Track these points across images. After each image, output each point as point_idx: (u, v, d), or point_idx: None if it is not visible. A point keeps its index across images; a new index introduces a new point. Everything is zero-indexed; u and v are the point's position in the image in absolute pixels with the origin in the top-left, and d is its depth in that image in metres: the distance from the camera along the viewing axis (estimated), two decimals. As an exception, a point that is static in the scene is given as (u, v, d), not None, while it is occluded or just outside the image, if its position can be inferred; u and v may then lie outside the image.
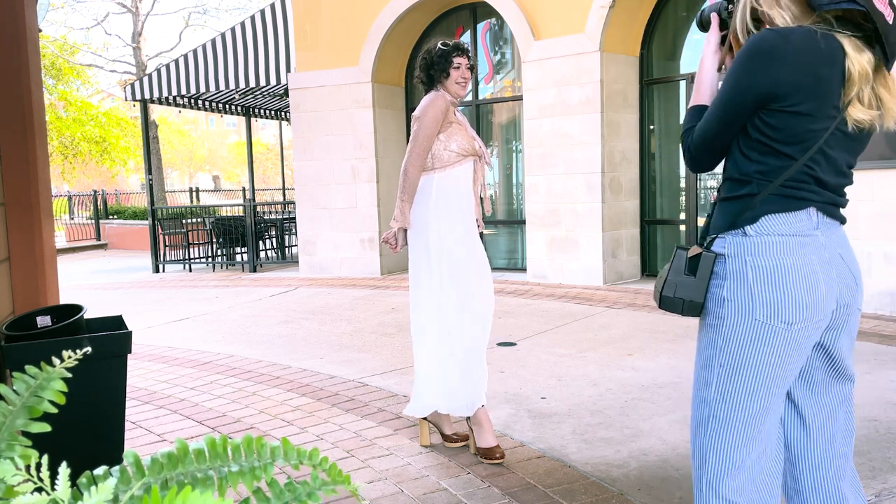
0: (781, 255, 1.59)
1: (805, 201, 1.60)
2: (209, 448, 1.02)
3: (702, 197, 8.04)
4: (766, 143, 1.58)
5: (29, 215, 2.91)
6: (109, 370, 2.64)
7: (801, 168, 1.58)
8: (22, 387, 1.01)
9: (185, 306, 7.55)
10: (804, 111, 1.53)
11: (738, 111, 1.58)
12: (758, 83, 1.53)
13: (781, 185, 1.59)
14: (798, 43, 1.51)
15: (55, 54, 20.98)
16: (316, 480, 1.04)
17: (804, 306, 1.59)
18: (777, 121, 1.55)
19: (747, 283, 1.60)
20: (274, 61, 9.94)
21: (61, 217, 19.46)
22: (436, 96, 3.15)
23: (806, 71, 1.51)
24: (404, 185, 3.14)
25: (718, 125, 1.62)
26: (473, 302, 3.17)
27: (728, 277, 1.63)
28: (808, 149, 1.57)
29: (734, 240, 1.63)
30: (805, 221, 1.61)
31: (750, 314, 1.60)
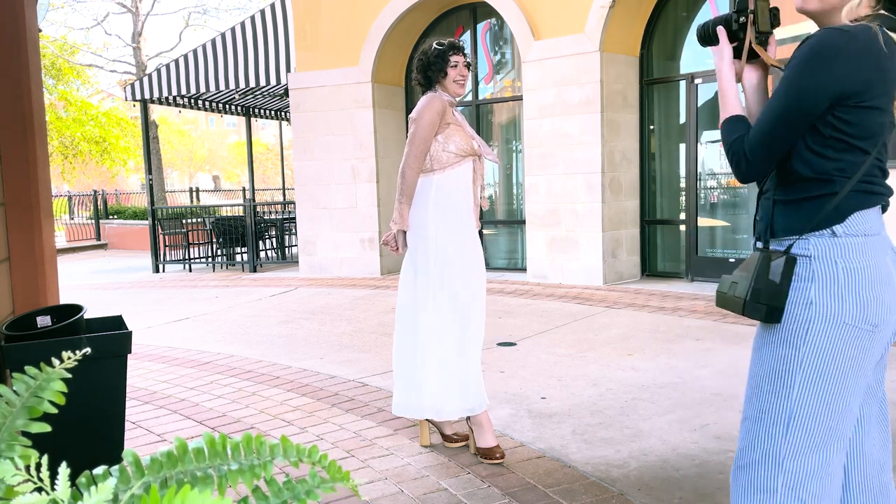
0: (868, 256, 1.59)
1: (877, 196, 1.62)
2: (209, 447, 1.02)
3: (702, 197, 8.04)
4: (843, 140, 1.57)
5: (29, 215, 2.91)
6: (109, 370, 2.64)
7: (874, 162, 1.60)
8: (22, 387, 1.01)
9: (185, 306, 7.55)
10: (876, 105, 1.56)
11: (809, 111, 1.57)
12: (830, 82, 1.54)
13: (860, 180, 1.59)
14: (862, 40, 1.53)
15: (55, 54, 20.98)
16: (315, 478, 1.04)
17: (889, 308, 1.59)
18: (853, 116, 1.56)
19: (838, 285, 1.58)
20: (274, 61, 9.94)
21: (61, 217, 19.46)
22: (432, 97, 3.14)
23: (873, 66, 1.54)
24: (402, 188, 3.13)
25: (784, 128, 1.59)
26: (470, 303, 3.16)
27: (815, 280, 1.59)
28: (877, 142, 1.59)
29: (820, 241, 1.60)
30: (875, 220, 1.62)
31: (839, 317, 1.57)
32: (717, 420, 3.51)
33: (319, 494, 1.04)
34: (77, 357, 1.05)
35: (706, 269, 7.79)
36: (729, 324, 5.58)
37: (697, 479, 2.86)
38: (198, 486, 0.97)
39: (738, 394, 3.86)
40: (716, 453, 3.11)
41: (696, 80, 7.77)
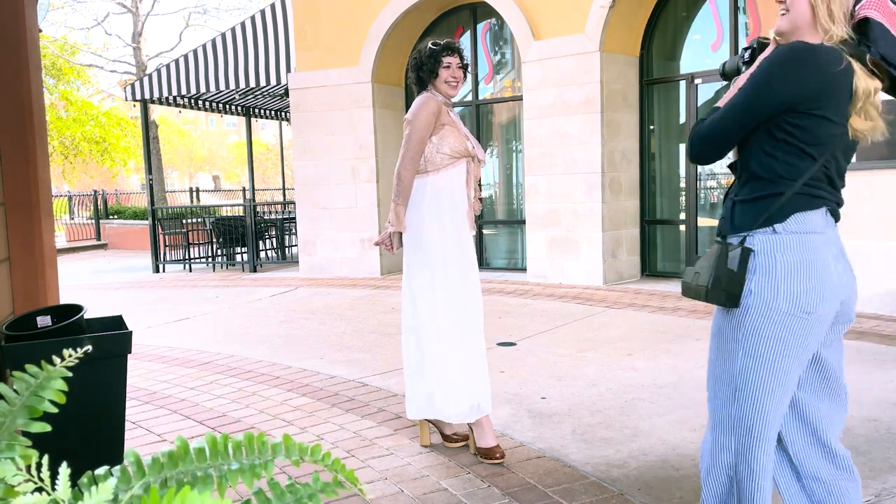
0: (805, 252, 1.76)
1: (821, 199, 1.78)
2: (210, 446, 1.02)
3: (702, 197, 8.04)
4: (793, 144, 1.74)
5: (29, 215, 2.91)
6: (109, 370, 2.64)
7: (820, 168, 1.75)
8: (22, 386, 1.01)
9: (185, 306, 7.55)
10: (827, 115, 1.71)
11: (761, 112, 1.74)
12: (786, 90, 1.70)
13: (805, 184, 1.75)
14: (823, 55, 1.70)
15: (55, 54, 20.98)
16: (317, 482, 1.04)
17: (822, 297, 1.76)
18: (805, 123, 1.72)
19: (775, 277, 1.76)
20: (274, 61, 9.94)
21: (61, 217, 19.45)
22: (427, 98, 3.14)
23: (826, 79, 1.69)
24: (398, 189, 3.13)
25: (734, 122, 1.77)
26: (467, 305, 3.16)
27: (756, 272, 1.78)
28: (825, 151, 1.74)
29: (763, 237, 1.78)
30: (820, 220, 1.78)
31: (775, 305, 1.77)
32: (717, 420, 3.50)
33: (322, 499, 1.03)
34: (78, 355, 1.04)
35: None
36: (729, 324, 5.58)
37: (697, 478, 2.86)
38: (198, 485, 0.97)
39: (738, 394, 3.86)
40: (716, 453, 3.10)
41: (696, 80, 7.78)
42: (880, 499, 2.64)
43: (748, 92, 1.74)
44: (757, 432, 1.85)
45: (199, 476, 0.98)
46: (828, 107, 1.70)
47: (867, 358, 4.53)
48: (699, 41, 7.99)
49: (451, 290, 3.13)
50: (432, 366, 3.15)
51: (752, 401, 1.84)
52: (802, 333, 1.78)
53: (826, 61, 1.69)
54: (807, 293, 1.75)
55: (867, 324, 5.53)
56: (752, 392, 1.83)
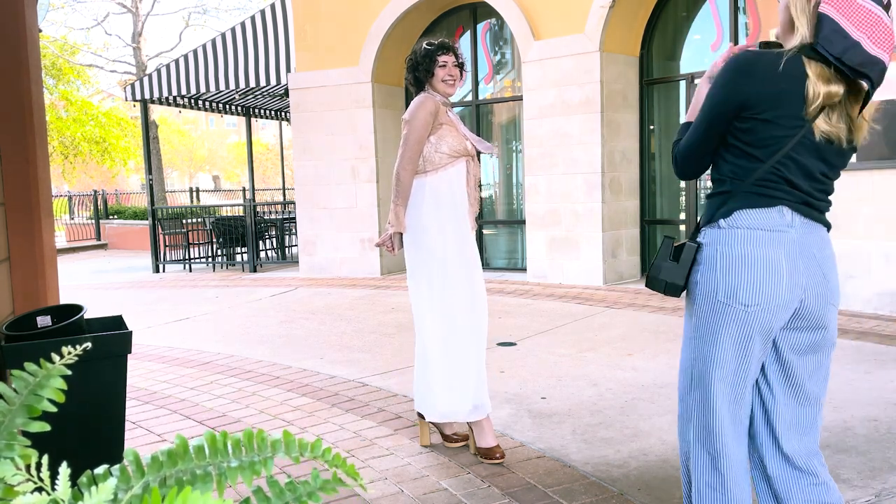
0: (747, 246, 1.81)
1: (774, 199, 1.81)
2: (209, 444, 1.02)
3: (701, 197, 8.04)
4: (739, 147, 1.82)
5: (29, 215, 2.91)
6: (109, 370, 2.64)
7: (770, 170, 1.79)
8: (21, 385, 1.00)
9: (185, 306, 7.55)
10: (768, 118, 1.76)
11: (719, 120, 1.82)
12: (734, 94, 1.78)
13: (753, 183, 1.81)
14: (766, 61, 1.75)
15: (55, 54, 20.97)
16: (317, 480, 1.03)
17: (761, 292, 1.80)
18: (747, 126, 1.79)
19: (715, 268, 1.85)
20: (274, 61, 9.94)
21: (61, 217, 19.46)
22: (424, 98, 3.14)
23: (770, 84, 1.74)
24: (397, 190, 3.13)
25: (701, 134, 1.86)
26: (468, 305, 3.16)
27: (702, 263, 1.89)
28: (774, 153, 1.78)
29: (710, 231, 1.88)
30: (777, 218, 1.81)
31: (714, 295, 1.85)
32: (717, 420, 3.50)
33: (321, 496, 1.03)
34: (77, 352, 1.04)
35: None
36: (729, 324, 5.58)
37: (697, 479, 2.86)
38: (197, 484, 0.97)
39: (738, 394, 3.86)
40: (716, 453, 3.10)
41: (696, 80, 7.77)
42: (880, 499, 2.64)
43: (705, 104, 1.85)
44: (710, 422, 1.90)
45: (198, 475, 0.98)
46: (771, 111, 1.75)
47: (867, 358, 4.53)
48: (699, 41, 7.99)
49: (450, 290, 3.13)
50: (433, 366, 3.15)
51: (704, 390, 1.90)
52: (741, 325, 1.83)
53: (767, 69, 1.74)
54: (744, 285, 1.80)
55: (867, 324, 5.53)
56: (704, 381, 1.90)
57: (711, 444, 1.91)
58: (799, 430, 1.93)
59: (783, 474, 1.93)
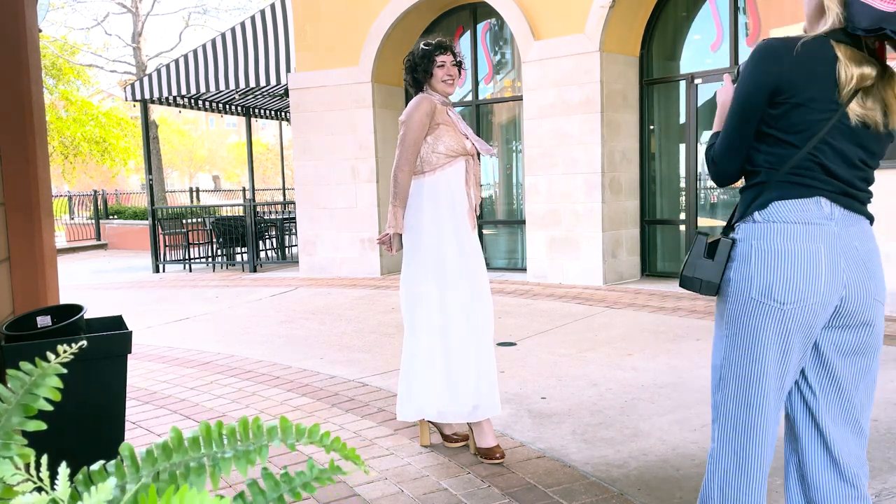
0: (784, 241, 1.73)
1: (812, 189, 1.73)
2: (204, 435, 1.01)
3: (702, 197, 8.04)
4: (772, 135, 1.75)
5: (29, 215, 2.91)
6: (109, 370, 2.64)
7: (806, 156, 1.72)
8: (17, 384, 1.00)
9: (185, 306, 7.55)
10: (801, 102, 1.70)
11: (752, 109, 1.76)
12: (763, 81, 1.72)
13: (788, 172, 1.74)
14: (794, 45, 1.71)
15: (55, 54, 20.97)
16: (312, 470, 1.02)
17: (797, 289, 1.72)
18: (780, 111, 1.73)
19: (749, 264, 1.77)
20: (274, 61, 9.94)
21: (61, 217, 19.45)
22: (421, 99, 3.14)
23: (800, 67, 1.70)
24: (395, 191, 3.13)
25: (736, 128, 1.79)
26: (468, 305, 3.16)
27: (735, 259, 1.81)
28: (809, 138, 1.71)
29: (745, 226, 1.81)
30: (815, 210, 1.73)
31: (747, 293, 1.77)
32: (717, 420, 3.50)
33: (316, 487, 1.02)
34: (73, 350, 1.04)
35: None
36: (729, 324, 5.58)
37: (697, 478, 2.86)
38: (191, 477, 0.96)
39: (738, 394, 3.85)
40: (716, 453, 3.10)
41: (696, 80, 7.78)
42: (880, 499, 2.64)
43: (735, 97, 1.79)
44: (739, 423, 1.83)
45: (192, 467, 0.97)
46: (803, 94, 1.69)
47: (867, 358, 4.53)
48: (699, 41, 7.99)
49: (450, 290, 3.12)
50: (426, 365, 3.15)
51: (733, 390, 1.84)
52: (777, 324, 1.74)
53: (795, 52, 1.69)
54: (779, 282, 1.72)
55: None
56: (734, 381, 1.83)
57: (739, 446, 1.84)
58: (847, 436, 1.85)
59: (826, 484, 1.85)
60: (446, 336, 3.13)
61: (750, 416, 1.83)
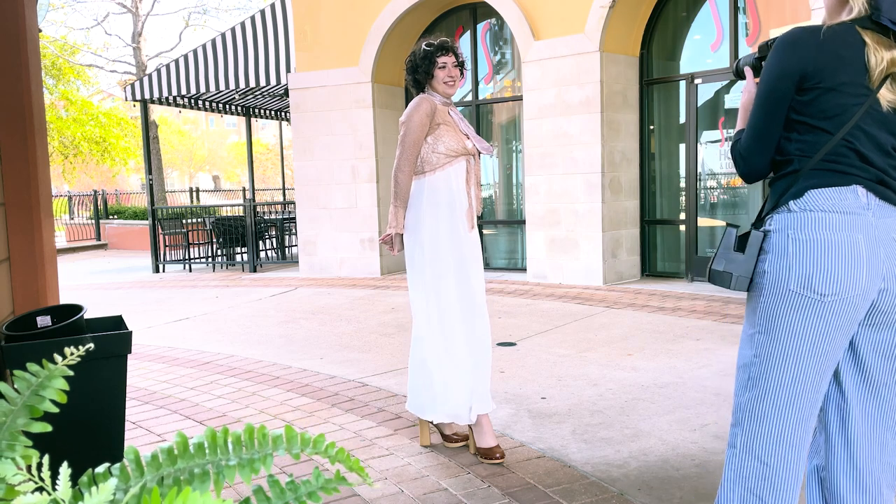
0: (823, 230, 1.67)
1: (849, 176, 1.68)
2: (209, 441, 1.01)
3: (702, 197, 8.04)
4: (803, 122, 1.71)
5: (29, 215, 2.91)
6: (109, 370, 2.64)
7: (840, 142, 1.68)
8: (23, 385, 1.00)
9: (185, 306, 7.55)
10: (831, 86, 1.66)
11: (781, 98, 1.71)
12: (790, 67, 1.69)
13: (823, 159, 1.69)
14: (819, 31, 1.68)
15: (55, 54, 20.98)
16: (318, 479, 1.03)
17: (838, 280, 1.65)
18: (810, 97, 1.69)
19: (787, 256, 1.70)
20: (274, 61, 9.94)
21: (61, 217, 19.45)
22: (421, 99, 3.15)
23: (827, 51, 1.66)
24: (396, 191, 3.14)
25: (764, 118, 1.74)
26: (469, 304, 3.16)
27: (770, 251, 1.73)
28: (843, 123, 1.67)
29: (779, 216, 1.74)
30: (852, 199, 1.67)
31: (785, 284, 1.70)
32: (717, 420, 3.51)
33: (322, 497, 1.02)
34: (80, 353, 1.04)
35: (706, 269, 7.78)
36: (729, 324, 5.58)
37: (697, 478, 2.86)
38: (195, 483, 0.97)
39: (738, 394, 3.85)
40: (716, 453, 3.11)
41: (696, 80, 7.78)
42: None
43: (761, 86, 1.74)
44: (769, 426, 1.73)
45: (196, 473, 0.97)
46: (833, 78, 1.65)
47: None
48: (699, 41, 7.99)
49: (448, 291, 3.13)
50: (432, 367, 3.16)
51: (765, 390, 1.73)
52: (817, 318, 1.67)
53: (821, 37, 1.66)
54: (819, 273, 1.65)
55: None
56: (767, 380, 1.72)
57: (766, 452, 1.73)
58: (885, 442, 1.77)
59: (848, 494, 1.78)
60: (447, 336, 3.14)
61: (784, 420, 1.72)
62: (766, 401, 1.74)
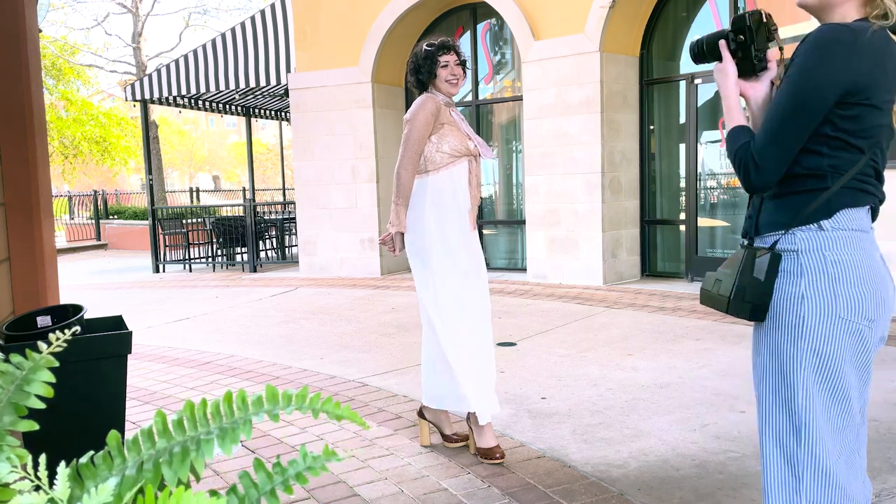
0: (857, 251, 1.56)
1: (868, 195, 1.58)
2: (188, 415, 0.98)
3: (702, 197, 8.04)
4: (839, 138, 1.54)
5: (29, 215, 2.91)
6: (109, 370, 2.64)
7: (868, 162, 1.57)
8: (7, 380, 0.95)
9: (185, 306, 7.55)
10: (877, 104, 1.53)
11: (819, 106, 1.51)
12: (839, 76, 1.49)
13: (853, 178, 1.56)
14: (865, 35, 1.50)
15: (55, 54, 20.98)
16: (305, 458, 0.99)
17: (883, 302, 1.57)
18: (852, 113, 1.52)
19: (829, 279, 1.54)
20: (274, 61, 9.94)
21: (61, 217, 19.45)
22: (426, 99, 3.15)
23: (877, 63, 1.51)
24: (398, 189, 3.15)
25: (794, 125, 1.53)
26: (471, 303, 3.17)
27: (805, 274, 1.56)
28: (873, 144, 1.56)
29: (807, 235, 1.56)
30: (865, 218, 1.59)
31: (834, 311, 1.54)
32: (717, 420, 3.51)
33: (308, 478, 0.99)
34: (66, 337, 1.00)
35: (706, 269, 7.70)
36: (729, 324, 5.58)
37: (697, 479, 2.86)
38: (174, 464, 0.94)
39: (739, 394, 3.86)
40: (715, 453, 3.10)
41: (696, 80, 7.77)
42: (880, 499, 2.64)
43: (793, 95, 1.53)
44: (832, 474, 1.57)
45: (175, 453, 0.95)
46: (881, 94, 1.52)
47: (867, 358, 4.53)
48: (699, 41, 7.98)
49: (450, 291, 3.13)
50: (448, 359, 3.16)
51: (822, 434, 1.56)
52: (863, 344, 1.55)
53: (869, 41, 1.49)
54: (869, 298, 1.54)
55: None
56: (822, 425, 1.56)
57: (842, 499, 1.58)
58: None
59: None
60: (452, 334, 3.14)
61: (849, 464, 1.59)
62: (827, 442, 1.57)
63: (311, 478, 1.00)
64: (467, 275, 3.17)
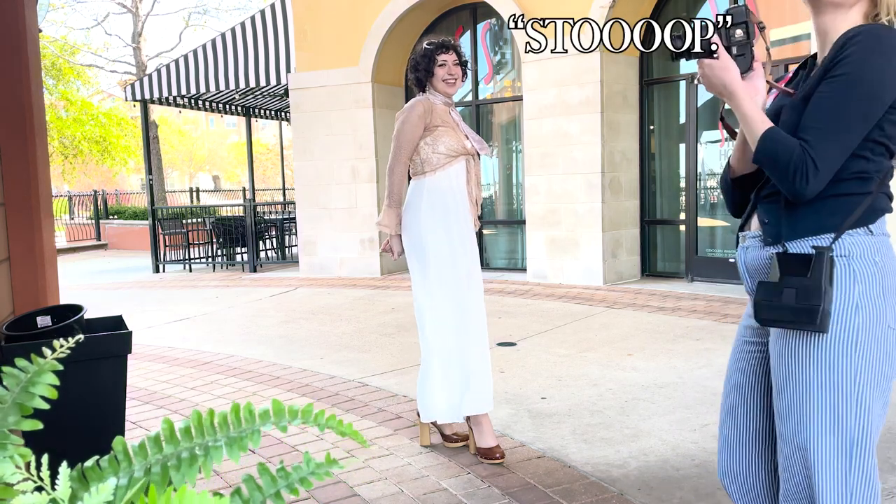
0: (894, 257, 1.52)
1: (891, 201, 1.56)
2: (195, 424, 0.99)
3: (702, 197, 8.04)
4: (882, 143, 1.48)
5: (29, 215, 2.91)
6: (109, 370, 2.64)
7: (892, 167, 1.54)
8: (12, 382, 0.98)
9: (185, 306, 7.55)
10: None
11: (880, 108, 1.44)
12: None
13: (886, 183, 1.53)
14: None
15: (55, 54, 20.98)
16: (309, 464, 1.01)
17: None
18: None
19: (880, 285, 1.47)
20: (274, 61, 9.94)
21: (61, 217, 19.45)
22: (417, 101, 3.17)
23: None
24: (390, 189, 3.16)
25: (858, 127, 1.45)
26: (469, 305, 3.16)
27: (858, 281, 1.47)
28: None
29: (857, 238, 1.48)
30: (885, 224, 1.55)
31: (884, 320, 1.47)
32: (717, 420, 3.50)
33: (313, 483, 1.00)
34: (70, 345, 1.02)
35: (706, 269, 7.79)
36: (729, 324, 5.58)
37: (697, 479, 2.86)
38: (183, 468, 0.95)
39: (738, 394, 3.85)
40: (715, 453, 3.10)
41: (696, 80, 7.76)
42: (880, 499, 2.64)
43: (863, 92, 1.43)
44: (873, 490, 1.51)
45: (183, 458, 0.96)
46: None
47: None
48: (699, 41, 7.97)
49: (450, 289, 3.13)
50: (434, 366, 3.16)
51: (872, 449, 1.49)
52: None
53: None
54: None
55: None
56: (873, 440, 1.49)
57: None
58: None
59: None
60: (446, 336, 3.14)
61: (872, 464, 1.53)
62: (872, 458, 1.50)
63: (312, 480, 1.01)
64: (464, 277, 3.17)
